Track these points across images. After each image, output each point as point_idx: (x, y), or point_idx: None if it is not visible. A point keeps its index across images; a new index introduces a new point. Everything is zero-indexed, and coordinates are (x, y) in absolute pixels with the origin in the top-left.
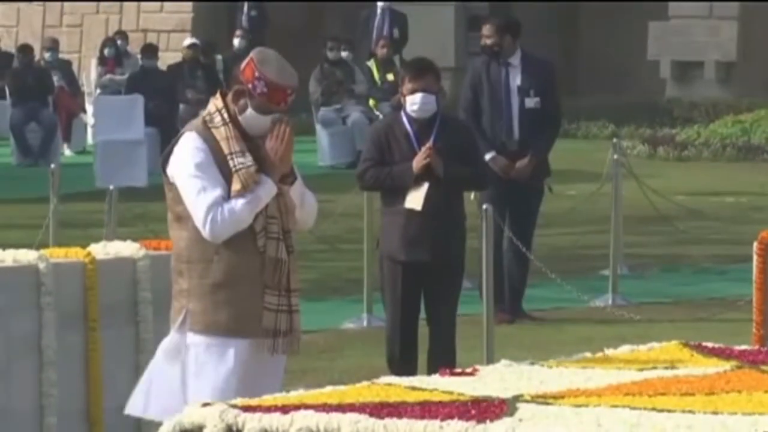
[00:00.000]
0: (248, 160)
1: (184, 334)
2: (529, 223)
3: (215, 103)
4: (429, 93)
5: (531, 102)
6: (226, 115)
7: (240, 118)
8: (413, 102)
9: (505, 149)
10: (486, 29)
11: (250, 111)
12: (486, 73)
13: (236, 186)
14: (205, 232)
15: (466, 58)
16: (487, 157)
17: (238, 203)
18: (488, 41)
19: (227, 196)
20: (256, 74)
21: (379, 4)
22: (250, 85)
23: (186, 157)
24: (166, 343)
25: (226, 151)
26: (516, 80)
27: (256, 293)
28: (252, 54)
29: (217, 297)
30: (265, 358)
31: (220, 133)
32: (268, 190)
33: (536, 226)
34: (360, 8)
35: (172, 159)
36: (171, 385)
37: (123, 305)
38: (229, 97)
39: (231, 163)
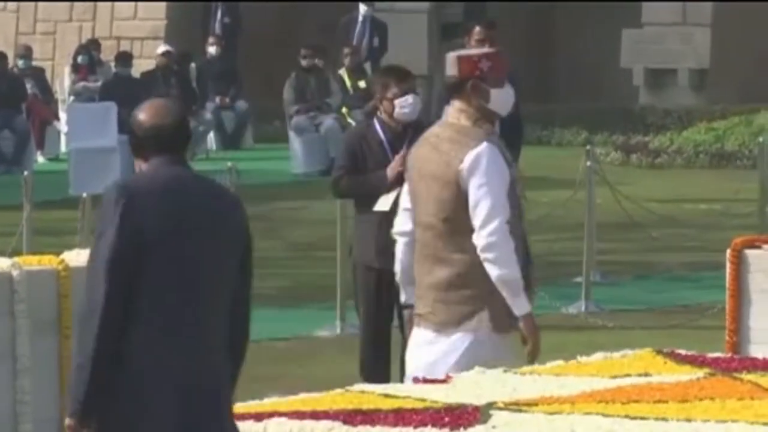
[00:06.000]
0: None
1: (479, 333)
2: None
3: (468, 110)
4: (416, 94)
5: None
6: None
7: (489, 106)
8: (405, 103)
9: None
10: (481, 32)
11: (495, 91)
12: None
13: None
14: (492, 239)
15: (439, 66)
16: None
17: None
18: (485, 45)
19: None
20: (474, 58)
21: (362, 11)
22: (477, 72)
23: (496, 170)
24: (458, 347)
25: None
26: None
27: None
28: (454, 56)
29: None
30: None
31: None
32: None
33: None
34: (335, 16)
35: (470, 167)
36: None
37: None
38: (468, 99)
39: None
